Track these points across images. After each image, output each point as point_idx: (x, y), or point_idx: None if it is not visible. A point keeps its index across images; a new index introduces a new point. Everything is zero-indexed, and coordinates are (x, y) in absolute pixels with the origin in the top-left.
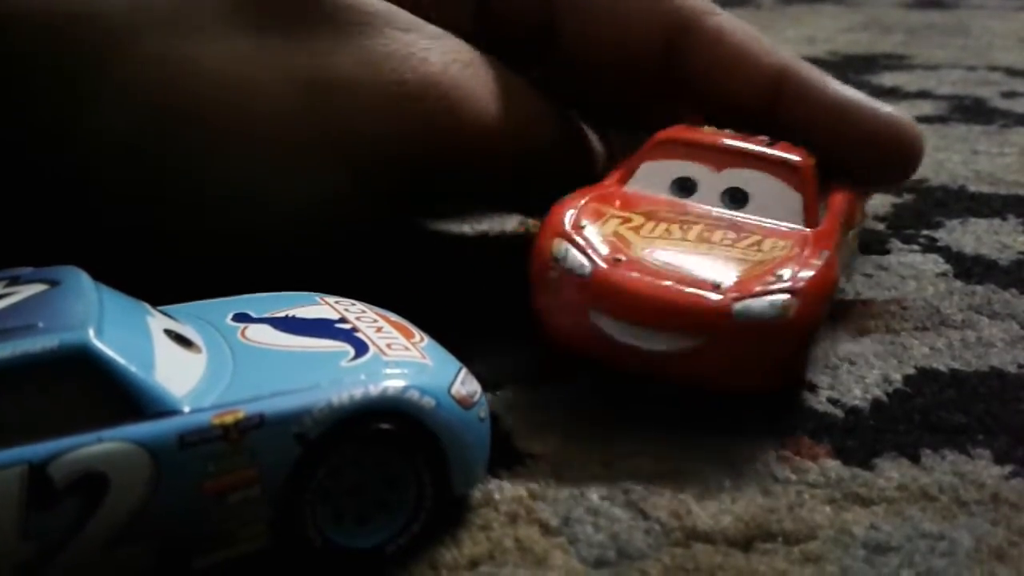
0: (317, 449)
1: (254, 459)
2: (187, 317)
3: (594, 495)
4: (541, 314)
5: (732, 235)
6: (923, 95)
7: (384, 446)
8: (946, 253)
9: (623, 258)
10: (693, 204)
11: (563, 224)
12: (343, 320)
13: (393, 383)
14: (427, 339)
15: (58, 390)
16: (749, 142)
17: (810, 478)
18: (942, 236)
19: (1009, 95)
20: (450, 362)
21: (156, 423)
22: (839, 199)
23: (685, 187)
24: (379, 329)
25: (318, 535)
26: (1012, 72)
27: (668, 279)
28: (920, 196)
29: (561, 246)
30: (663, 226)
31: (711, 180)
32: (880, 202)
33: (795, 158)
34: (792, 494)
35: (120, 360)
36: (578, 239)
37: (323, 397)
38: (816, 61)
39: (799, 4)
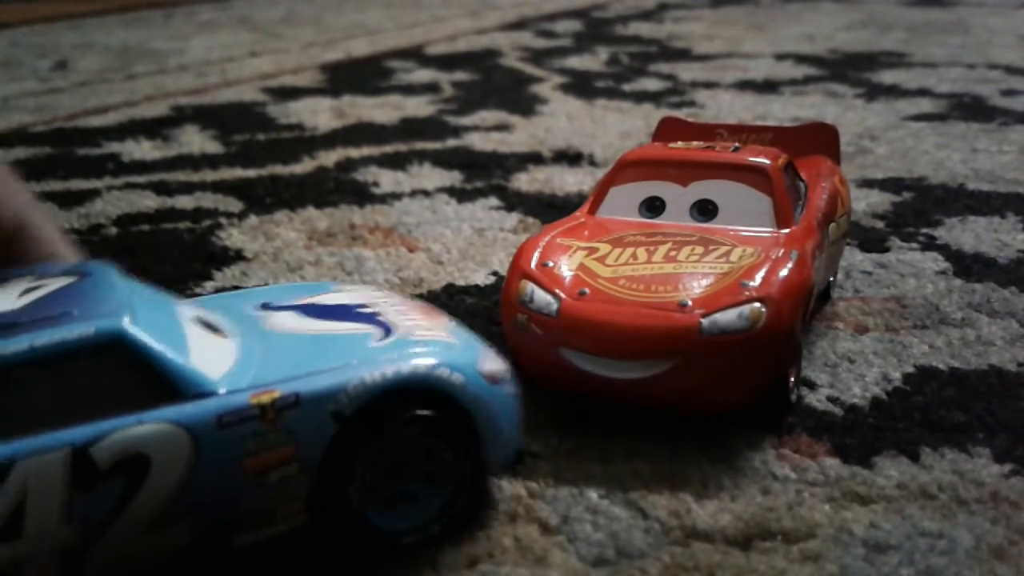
0: (353, 426)
1: (291, 437)
2: (213, 307)
3: (593, 494)
4: (515, 353)
5: (700, 249)
6: (922, 93)
7: (419, 423)
8: (945, 251)
9: (587, 291)
10: (662, 223)
11: (529, 264)
12: (364, 305)
13: (423, 360)
14: (450, 320)
15: (96, 375)
16: (714, 152)
17: (809, 476)
18: (941, 234)
19: (1008, 93)
20: (474, 341)
21: (195, 404)
22: (817, 193)
23: (654, 207)
24: (402, 312)
25: (358, 513)
26: (1011, 70)
27: (633, 306)
28: (919, 194)
29: (527, 287)
30: (630, 251)
31: (679, 196)
32: (880, 200)
33: (761, 161)
34: (791, 492)
35: (155, 344)
36: (543, 278)
37: (356, 375)
38: (816, 59)
39: (798, 2)
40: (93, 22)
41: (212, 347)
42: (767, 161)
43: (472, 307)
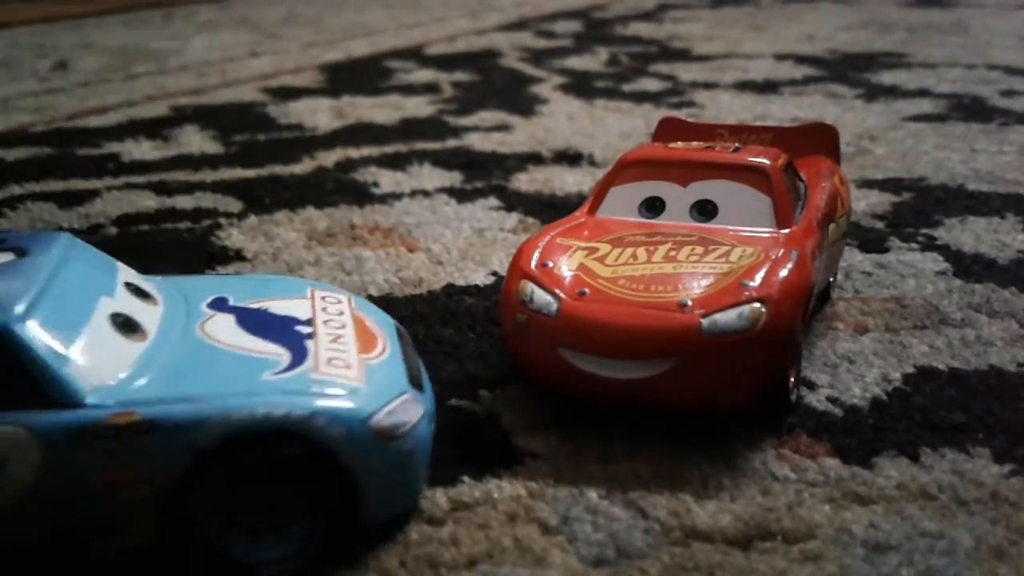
0: (208, 461)
1: (144, 460)
2: (171, 294)
3: (593, 494)
4: (515, 353)
5: (700, 250)
6: (922, 93)
7: (280, 467)
8: (945, 251)
9: (587, 291)
10: (662, 223)
11: (528, 264)
12: (309, 321)
13: (301, 406)
14: (390, 352)
15: None
16: (714, 152)
17: (809, 477)
18: (941, 234)
19: (1008, 93)
20: (391, 385)
21: (53, 414)
22: (817, 193)
23: (654, 207)
24: (337, 338)
25: (208, 542)
26: (1011, 70)
27: (633, 307)
28: (919, 194)
29: (527, 287)
30: (629, 251)
31: (679, 196)
32: (879, 200)
33: (761, 161)
34: (791, 493)
35: (34, 345)
36: (543, 278)
37: (223, 411)
38: (815, 59)
39: (798, 2)
40: (93, 22)
41: (107, 351)
42: (767, 161)
43: (472, 307)
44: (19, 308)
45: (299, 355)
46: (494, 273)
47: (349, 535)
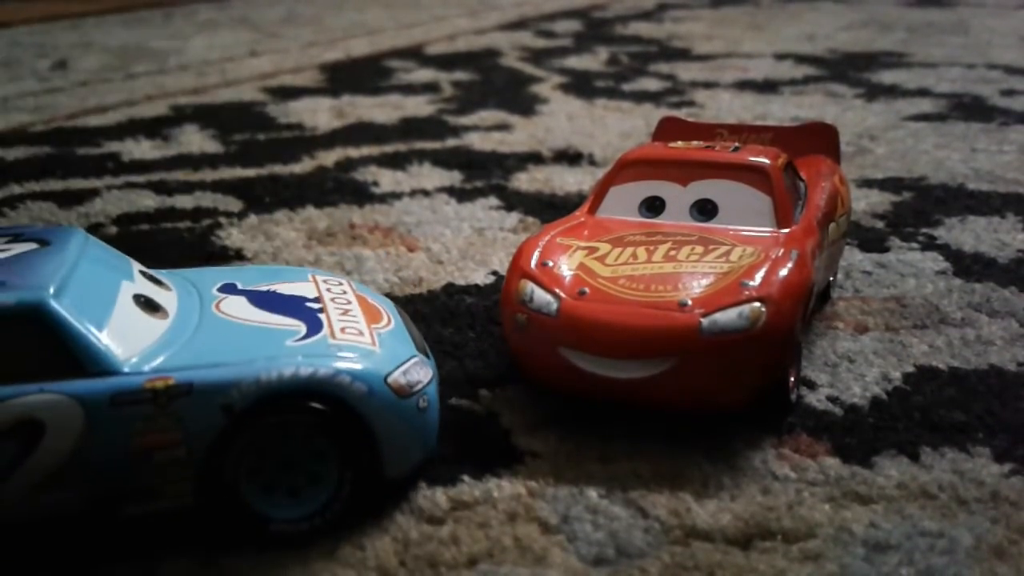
0: (243, 420)
1: (180, 423)
2: (181, 283)
3: (593, 493)
4: (515, 353)
5: (700, 249)
6: (922, 93)
7: (310, 425)
8: (945, 251)
9: (587, 291)
10: (662, 222)
11: (528, 263)
12: (317, 299)
13: (326, 366)
14: (395, 323)
15: (11, 343)
16: (714, 152)
17: (809, 476)
18: (941, 234)
19: (1008, 93)
20: (402, 350)
21: (93, 381)
22: (817, 193)
23: (654, 206)
24: (346, 312)
25: (242, 501)
26: (1011, 70)
27: (633, 306)
28: (919, 194)
29: (527, 287)
30: (629, 251)
31: (679, 196)
32: (880, 200)
33: (761, 160)
34: (791, 492)
35: (70, 319)
36: (543, 277)
37: (253, 372)
38: (815, 59)
39: (798, 2)
40: (92, 22)
41: (135, 326)
42: (767, 161)
43: (472, 306)
44: (53, 287)
45: (314, 326)
46: (494, 273)
47: (372, 491)
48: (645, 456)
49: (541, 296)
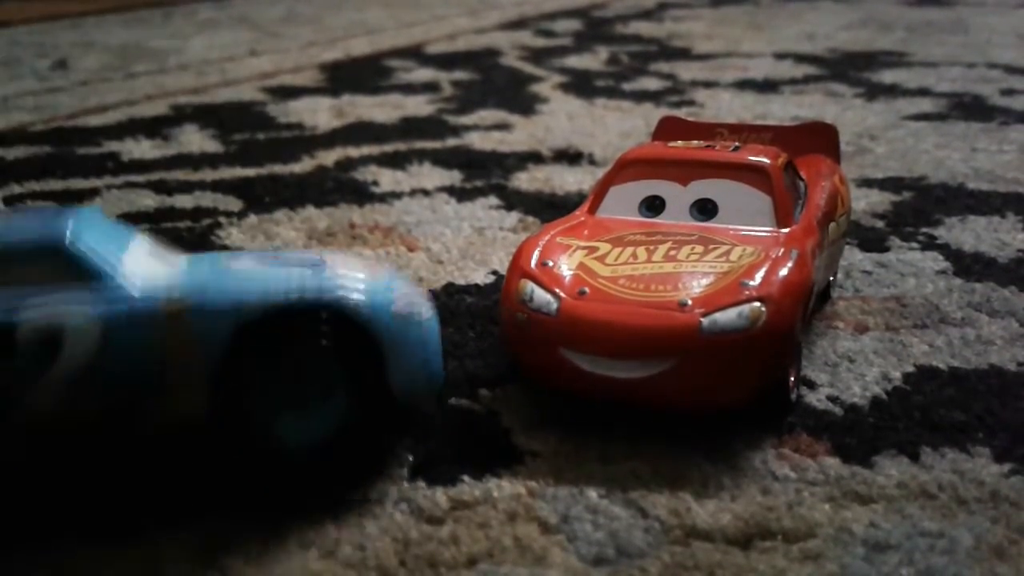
0: (253, 333)
1: (193, 338)
2: (190, 257)
3: (593, 493)
4: (515, 353)
5: (700, 249)
6: (922, 92)
7: (315, 335)
8: (945, 250)
9: (587, 290)
10: (662, 222)
11: (528, 263)
12: (320, 257)
13: (331, 287)
14: (393, 273)
15: (38, 272)
16: (714, 152)
17: (809, 476)
18: (941, 233)
19: (1008, 92)
20: (403, 284)
21: (113, 301)
22: (817, 192)
23: (654, 206)
24: (345, 262)
25: (252, 415)
26: (1011, 69)
27: (633, 306)
28: (919, 194)
29: (527, 286)
30: (629, 250)
31: (679, 195)
32: (880, 199)
33: (761, 160)
34: (791, 492)
35: (90, 253)
36: (543, 277)
37: (260, 290)
38: (815, 58)
39: (798, 1)
40: (92, 21)
41: (149, 267)
42: (767, 160)
43: (472, 306)
44: (71, 229)
45: (318, 267)
46: (494, 272)
47: (382, 412)
48: (645, 456)
49: (541, 296)
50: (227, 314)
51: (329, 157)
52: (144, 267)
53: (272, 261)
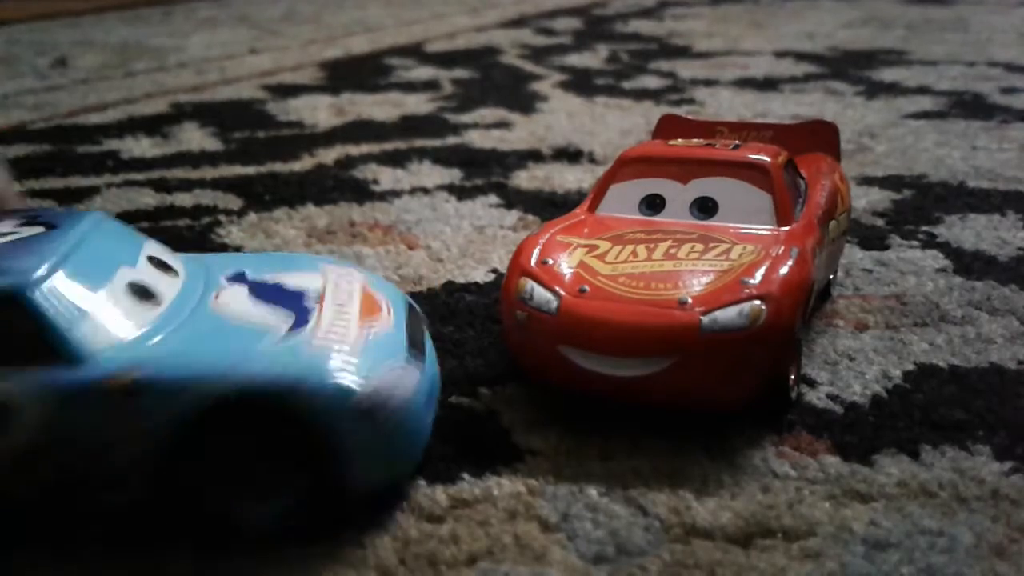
0: (198, 424)
1: (139, 421)
2: (193, 268)
3: (593, 491)
4: (515, 351)
5: (700, 247)
6: (922, 91)
7: (265, 434)
8: (946, 249)
9: (587, 289)
10: (662, 220)
11: (528, 261)
12: (319, 293)
13: (288, 376)
14: (394, 321)
15: None
16: (714, 150)
17: (809, 474)
18: (942, 232)
19: (1008, 91)
20: (385, 355)
21: (59, 372)
22: (817, 191)
23: (654, 204)
24: (342, 305)
25: (200, 501)
26: (1011, 68)
27: (633, 304)
28: (920, 192)
29: (527, 284)
30: (629, 248)
31: (679, 194)
32: (880, 198)
33: (761, 158)
34: (791, 490)
35: (47, 308)
36: (543, 275)
37: (213, 377)
38: (815, 57)
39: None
40: (92, 19)
41: (120, 316)
42: (767, 158)
43: (472, 305)
44: (36, 274)
45: (300, 322)
46: (494, 270)
47: (334, 503)
48: (645, 454)
49: (541, 294)
50: (176, 398)
51: (329, 155)
52: (114, 317)
53: (262, 299)
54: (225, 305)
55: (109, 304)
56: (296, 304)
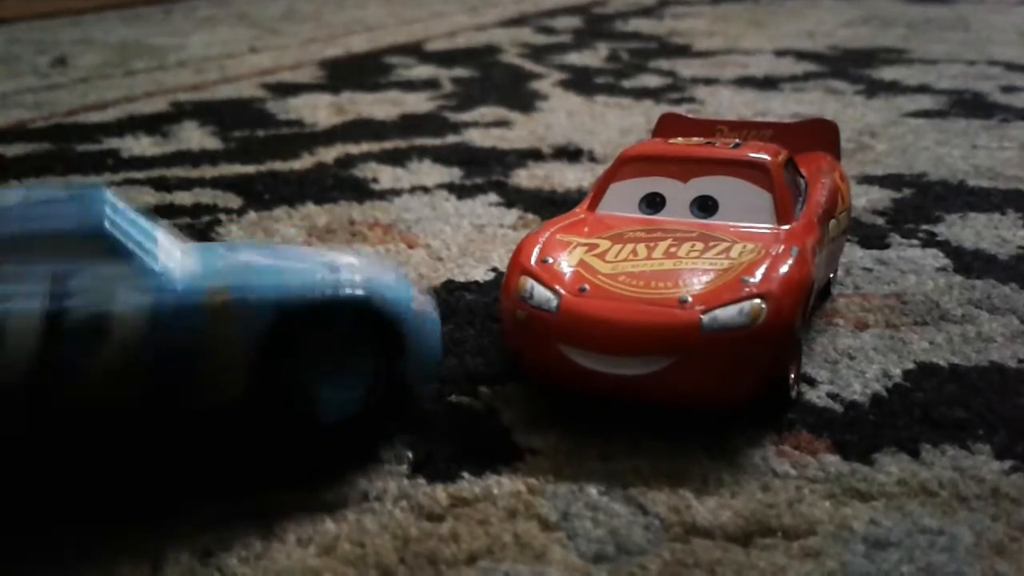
0: (291, 324)
1: (236, 328)
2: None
3: (593, 490)
4: (515, 350)
5: (700, 246)
6: (923, 89)
7: (349, 332)
8: (946, 247)
9: (587, 287)
10: (662, 219)
11: (528, 260)
12: (323, 253)
13: (361, 285)
14: (403, 275)
15: (81, 256)
16: (715, 148)
17: (809, 473)
18: (942, 231)
19: (1008, 89)
20: (411, 284)
21: (157, 294)
22: (817, 189)
23: (654, 203)
24: (351, 264)
25: (289, 395)
26: (1011, 66)
27: (633, 303)
28: (920, 191)
29: (527, 283)
30: (629, 247)
31: (679, 192)
32: (880, 196)
33: (761, 157)
34: (791, 489)
35: (128, 240)
36: (543, 274)
37: (299, 284)
38: (816, 55)
39: None
40: (92, 18)
41: (181, 258)
42: (767, 157)
43: (472, 303)
44: (107, 215)
45: (335, 264)
46: (494, 269)
47: (400, 392)
48: (645, 453)
49: (541, 293)
50: (268, 308)
51: (329, 154)
52: (176, 256)
53: (285, 257)
54: (252, 258)
55: (169, 249)
56: (313, 258)
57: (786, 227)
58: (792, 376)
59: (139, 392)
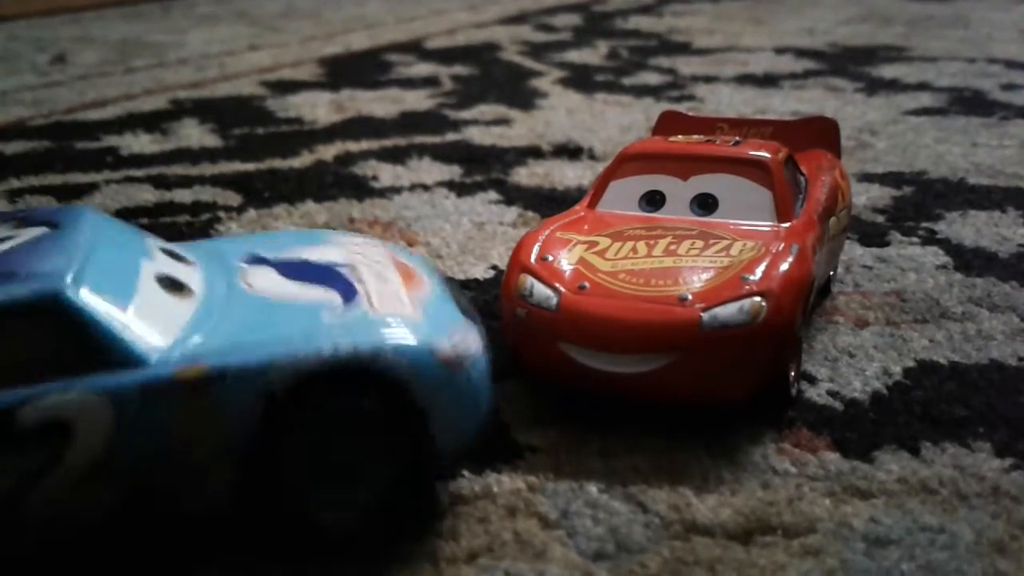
0: (281, 407)
1: (217, 413)
2: (203, 256)
3: (593, 488)
4: (515, 348)
5: (700, 244)
6: (923, 87)
7: (353, 407)
8: (946, 245)
9: (587, 285)
10: (662, 217)
11: (528, 258)
12: (350, 264)
13: (367, 341)
14: (437, 287)
15: (30, 337)
16: (714, 146)
17: (809, 471)
18: (942, 228)
19: (1009, 87)
20: (446, 318)
21: (121, 374)
22: (817, 187)
23: (654, 201)
24: (380, 274)
25: (286, 499)
26: (1012, 64)
27: (633, 301)
28: (920, 188)
29: (527, 281)
30: (629, 245)
31: (679, 190)
32: (880, 194)
33: (761, 155)
34: (791, 487)
35: (91, 310)
36: (543, 272)
37: (290, 351)
38: (816, 53)
39: None
40: (91, 15)
41: (161, 309)
42: (767, 155)
43: (471, 301)
44: (69, 275)
45: (349, 294)
46: (494, 267)
47: (427, 476)
48: (645, 451)
49: (541, 291)
50: (253, 384)
51: (328, 152)
52: (155, 311)
53: (296, 278)
54: (263, 288)
55: (148, 298)
56: (334, 278)
57: (786, 225)
58: (792, 374)
59: (111, 500)
